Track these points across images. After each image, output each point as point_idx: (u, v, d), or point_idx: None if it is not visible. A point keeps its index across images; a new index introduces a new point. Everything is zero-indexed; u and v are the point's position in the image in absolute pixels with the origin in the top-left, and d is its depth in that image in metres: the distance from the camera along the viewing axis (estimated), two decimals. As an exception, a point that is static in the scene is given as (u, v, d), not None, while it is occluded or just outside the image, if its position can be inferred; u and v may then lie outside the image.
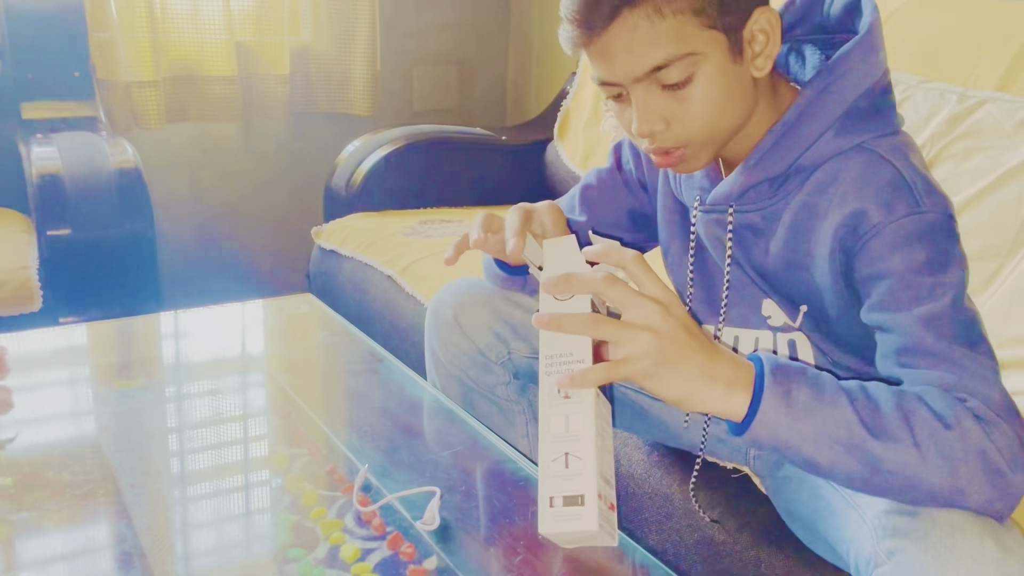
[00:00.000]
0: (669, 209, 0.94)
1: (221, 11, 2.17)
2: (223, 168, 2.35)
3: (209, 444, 0.92)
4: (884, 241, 0.72)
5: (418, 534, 0.75)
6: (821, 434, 0.65)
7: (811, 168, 0.77)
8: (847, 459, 0.65)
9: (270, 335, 1.27)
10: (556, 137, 2.18)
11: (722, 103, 0.74)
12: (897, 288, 0.71)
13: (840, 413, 0.65)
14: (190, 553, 0.75)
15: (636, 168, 0.99)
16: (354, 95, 2.39)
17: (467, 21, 2.63)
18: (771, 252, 0.81)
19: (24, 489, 0.79)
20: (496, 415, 1.04)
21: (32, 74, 1.92)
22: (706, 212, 0.85)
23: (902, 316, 0.70)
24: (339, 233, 1.88)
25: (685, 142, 0.75)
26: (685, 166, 0.78)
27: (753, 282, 0.85)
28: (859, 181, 0.74)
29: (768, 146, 0.77)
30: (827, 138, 0.75)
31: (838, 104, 0.75)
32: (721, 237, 0.84)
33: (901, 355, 0.71)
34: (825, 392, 0.66)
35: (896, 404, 0.66)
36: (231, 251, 2.39)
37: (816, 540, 0.84)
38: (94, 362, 1.16)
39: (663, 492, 1.06)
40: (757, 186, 0.79)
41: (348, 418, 0.98)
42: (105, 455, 0.86)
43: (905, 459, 0.64)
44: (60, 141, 1.72)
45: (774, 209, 0.80)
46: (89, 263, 1.56)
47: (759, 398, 0.66)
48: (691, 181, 0.87)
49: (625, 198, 1.00)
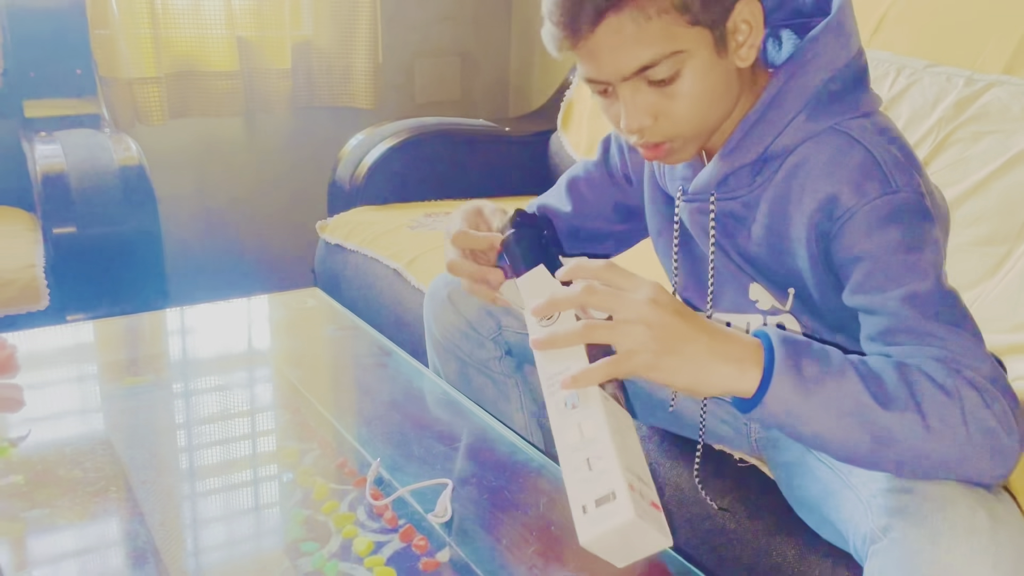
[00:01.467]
0: (655, 200, 0.94)
1: (222, 6, 2.16)
2: (226, 164, 2.35)
3: (219, 439, 0.93)
4: (858, 224, 0.72)
5: (430, 526, 0.75)
6: (831, 407, 0.65)
7: (785, 153, 0.77)
8: (858, 431, 0.65)
9: (278, 330, 1.27)
10: (560, 127, 2.18)
11: (708, 96, 0.74)
12: (875, 270, 0.71)
13: (849, 385, 0.65)
14: (203, 549, 0.75)
15: (621, 162, 0.99)
16: (356, 88, 2.38)
17: (468, 12, 2.62)
18: (753, 239, 0.82)
19: (36, 486, 0.79)
20: (490, 388, 1.05)
21: (34, 72, 1.92)
22: (689, 201, 0.86)
23: (883, 297, 0.71)
24: (344, 227, 1.88)
25: (673, 136, 0.76)
26: (673, 158, 0.79)
27: (739, 267, 0.86)
28: (829, 164, 0.74)
29: (742, 133, 0.78)
30: (798, 122, 0.76)
31: (807, 88, 0.75)
32: (705, 225, 0.85)
33: (886, 336, 0.71)
34: (833, 364, 0.67)
35: (899, 375, 0.66)
36: (236, 246, 2.39)
37: (823, 524, 0.84)
38: (102, 359, 1.16)
39: (672, 481, 1.06)
40: (736, 173, 0.80)
41: (357, 412, 0.98)
42: (116, 452, 0.86)
43: (913, 429, 0.64)
44: (64, 139, 1.72)
45: (753, 196, 0.80)
46: (95, 260, 1.56)
47: (770, 373, 0.65)
48: (673, 172, 0.88)
49: (611, 191, 1.00)
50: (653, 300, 0.66)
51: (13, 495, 0.78)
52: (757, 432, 0.95)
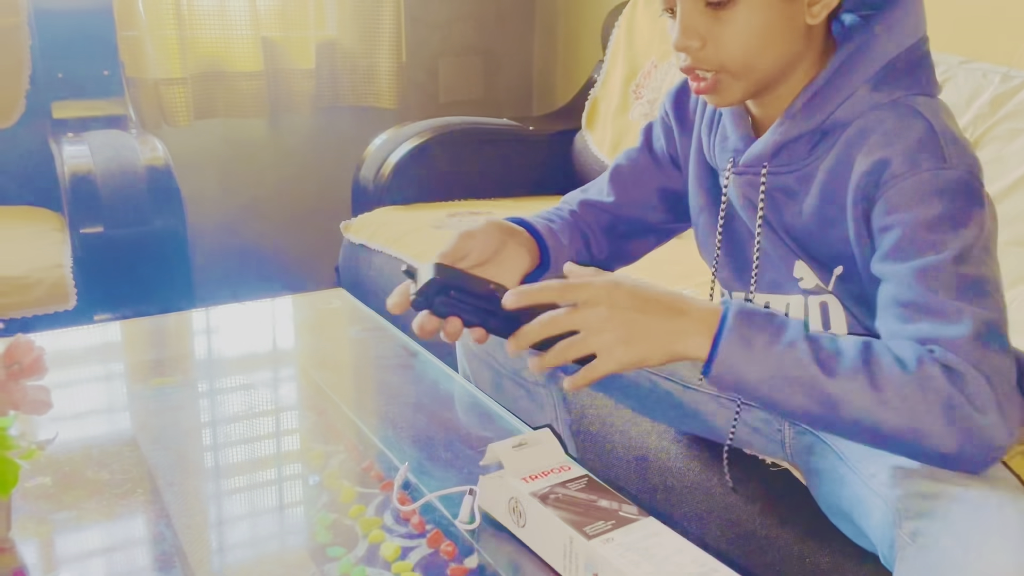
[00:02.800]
0: (700, 176, 0.93)
1: (247, 7, 2.17)
2: (251, 163, 2.36)
3: (244, 441, 0.92)
4: (902, 192, 0.71)
5: (457, 531, 0.74)
6: (776, 373, 0.67)
7: (845, 124, 0.76)
8: (802, 396, 0.67)
9: (303, 331, 1.26)
10: (584, 126, 2.16)
11: (761, 35, 0.74)
12: (904, 239, 0.71)
13: (795, 354, 0.67)
14: (229, 551, 0.74)
15: (668, 143, 0.98)
16: (380, 88, 2.38)
17: (491, 11, 2.62)
18: (805, 212, 0.81)
19: (63, 488, 0.79)
20: (525, 398, 1.04)
21: (62, 73, 1.93)
22: (739, 174, 0.85)
23: (901, 267, 0.71)
24: (368, 227, 1.88)
25: (718, 66, 0.75)
26: (718, 96, 0.78)
27: (785, 244, 0.85)
28: (890, 133, 0.73)
29: (803, 101, 0.77)
30: (862, 93, 0.75)
31: (875, 60, 0.75)
32: (753, 199, 0.84)
33: (890, 306, 0.71)
34: (785, 334, 0.68)
35: (859, 351, 0.68)
36: (260, 245, 2.40)
37: (857, 532, 0.82)
38: (129, 360, 1.16)
39: (703, 485, 1.04)
40: (791, 145, 0.79)
41: (383, 414, 0.97)
42: (142, 453, 0.85)
43: (863, 400, 0.66)
44: (91, 140, 1.73)
45: (809, 170, 0.79)
46: (121, 260, 1.57)
47: (719, 340, 0.68)
48: (725, 144, 0.86)
49: (656, 177, 0.99)
50: (613, 283, 0.69)
51: (40, 496, 0.77)
52: (791, 437, 0.94)
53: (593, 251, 1.00)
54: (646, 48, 2.04)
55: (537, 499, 0.69)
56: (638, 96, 2.02)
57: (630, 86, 2.05)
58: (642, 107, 2.00)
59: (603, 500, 0.69)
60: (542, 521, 0.68)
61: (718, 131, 0.88)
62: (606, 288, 0.69)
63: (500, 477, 0.73)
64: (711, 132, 0.90)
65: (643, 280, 0.72)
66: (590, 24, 2.47)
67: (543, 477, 0.72)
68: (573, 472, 0.73)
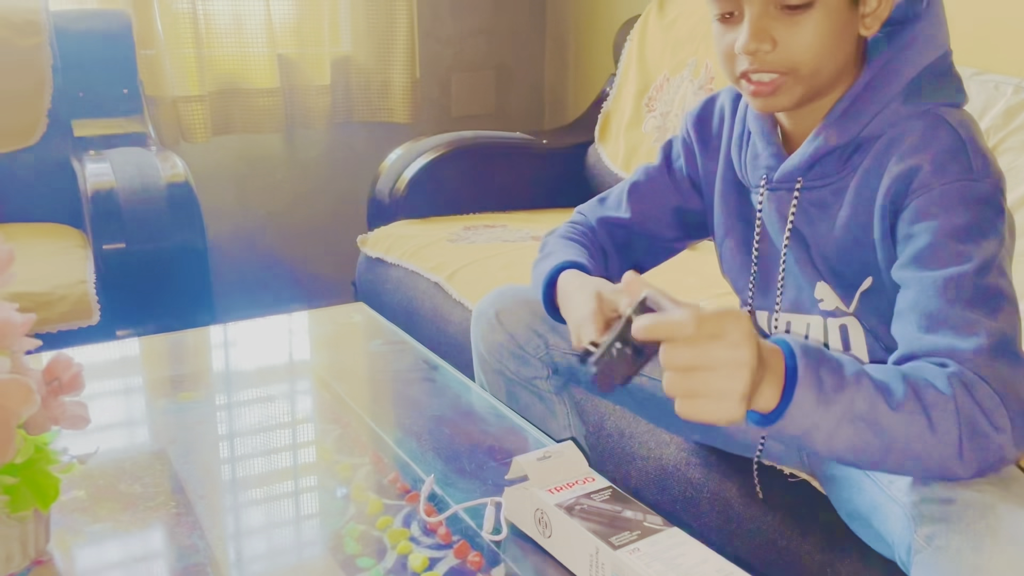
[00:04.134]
0: (727, 199, 0.94)
1: (263, 24, 2.20)
2: (268, 179, 2.39)
3: (271, 454, 0.94)
4: (929, 201, 0.73)
5: (484, 542, 0.75)
6: (848, 412, 0.65)
7: (877, 136, 0.78)
8: (868, 436, 0.65)
9: (325, 344, 1.28)
10: (597, 139, 2.18)
11: (831, 41, 0.76)
12: (930, 247, 0.72)
13: (864, 391, 0.66)
14: (261, 562, 0.76)
15: (688, 165, 0.99)
16: (394, 103, 2.41)
17: (503, 26, 2.64)
18: (838, 225, 0.82)
19: (98, 501, 0.81)
20: (538, 405, 1.06)
21: (83, 92, 1.96)
22: (772, 189, 0.86)
23: (925, 275, 0.71)
24: (384, 241, 1.90)
25: (788, 69, 0.76)
26: (774, 99, 0.79)
27: (811, 262, 0.85)
28: (919, 141, 0.75)
29: (837, 114, 0.79)
30: (894, 106, 0.77)
31: (904, 73, 0.77)
32: (785, 214, 0.85)
33: (909, 315, 0.72)
34: (846, 373, 0.66)
35: (905, 382, 0.67)
36: (277, 260, 2.42)
37: (878, 539, 0.83)
38: (155, 375, 1.18)
39: (723, 496, 1.05)
40: (825, 158, 0.81)
41: (407, 426, 0.99)
42: (173, 467, 0.87)
43: (917, 431, 0.65)
44: (113, 157, 1.76)
45: (843, 183, 0.81)
46: (143, 276, 1.59)
47: (792, 386, 0.64)
48: (756, 161, 0.88)
49: (672, 196, 1.01)
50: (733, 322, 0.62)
51: (76, 509, 0.79)
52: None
53: (609, 267, 1.02)
54: (658, 61, 2.06)
55: (563, 510, 0.70)
56: (651, 109, 2.04)
57: (642, 99, 2.07)
58: (655, 120, 2.01)
59: (628, 511, 0.70)
60: (568, 531, 0.69)
61: (748, 149, 0.89)
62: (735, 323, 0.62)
63: (525, 488, 0.74)
64: (741, 151, 0.91)
65: None
66: (602, 38, 2.49)
67: (568, 489, 0.73)
68: (597, 483, 0.75)
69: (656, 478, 1.14)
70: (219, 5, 2.16)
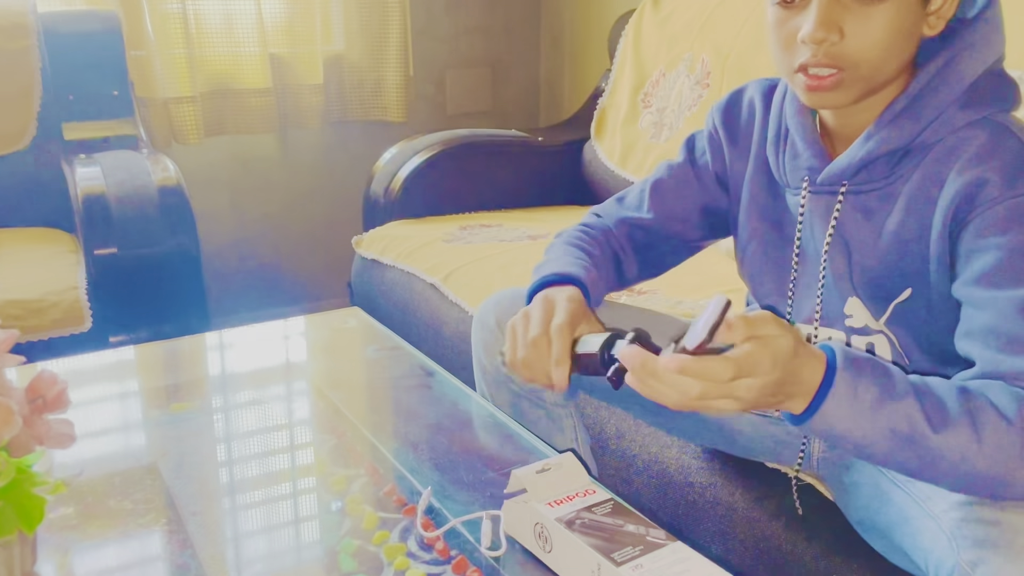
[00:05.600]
0: (757, 199, 0.90)
1: (254, 23, 2.17)
2: (262, 180, 2.36)
3: (266, 467, 0.92)
4: (1000, 215, 0.69)
5: (483, 557, 0.73)
6: (884, 427, 0.65)
7: (933, 142, 0.75)
8: (905, 452, 0.65)
9: (320, 351, 1.26)
10: (593, 136, 2.16)
11: (899, 37, 0.72)
12: (1002, 265, 0.69)
13: (905, 408, 0.65)
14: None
15: (715, 160, 0.95)
16: (388, 101, 2.39)
17: (498, 23, 2.62)
18: (886, 232, 0.78)
19: (87, 518, 0.79)
20: (544, 419, 1.02)
21: (72, 95, 1.94)
22: (815, 192, 0.82)
23: (1000, 295, 0.68)
24: (379, 242, 1.88)
25: (852, 63, 0.72)
26: (832, 95, 0.74)
27: (848, 274, 0.82)
28: (984, 150, 0.72)
29: (891, 117, 0.75)
30: (952, 111, 0.74)
31: (963, 77, 0.73)
32: (826, 220, 0.81)
33: (987, 336, 0.69)
34: (894, 387, 0.66)
35: (961, 400, 0.65)
36: (271, 262, 2.41)
37: (892, 550, 0.81)
38: (146, 385, 1.16)
39: (725, 501, 1.03)
40: (874, 163, 0.77)
41: (403, 436, 0.97)
42: (164, 482, 0.85)
43: (962, 454, 0.64)
44: (103, 161, 1.74)
45: (892, 188, 0.77)
46: (136, 281, 1.57)
47: (825, 393, 0.65)
48: (796, 161, 0.84)
49: (698, 193, 0.96)
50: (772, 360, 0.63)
51: (64, 527, 0.77)
52: (821, 452, 0.93)
53: (624, 272, 0.99)
54: (654, 57, 2.04)
55: (563, 524, 0.69)
56: (647, 105, 2.02)
57: (638, 95, 2.05)
58: (651, 116, 1.99)
59: (630, 524, 0.69)
60: (569, 547, 0.68)
61: (787, 148, 0.85)
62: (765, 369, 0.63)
63: (525, 502, 0.72)
64: (779, 150, 0.87)
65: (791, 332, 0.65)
66: (596, 34, 2.47)
67: (568, 502, 0.72)
68: (598, 496, 0.73)
69: (657, 483, 1.13)
70: (209, 4, 2.14)
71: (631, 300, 1.42)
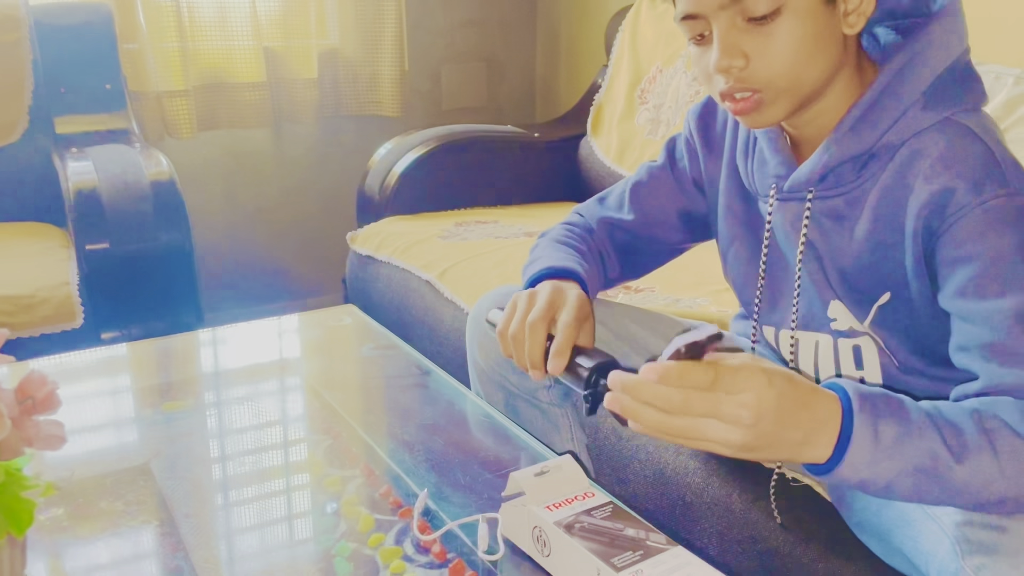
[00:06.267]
0: (732, 204, 0.90)
1: (248, 17, 2.15)
2: (255, 175, 2.35)
3: (260, 468, 0.91)
4: (971, 223, 0.68)
5: (480, 561, 0.72)
6: (907, 466, 0.63)
7: (897, 144, 0.73)
8: (929, 485, 0.64)
9: (315, 350, 1.25)
10: (589, 132, 2.15)
11: (808, 46, 0.71)
12: (984, 275, 0.68)
13: (927, 443, 0.63)
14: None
15: (692, 165, 0.95)
16: (383, 96, 2.37)
17: (493, 17, 2.60)
18: (856, 237, 0.77)
19: (77, 520, 0.78)
20: (540, 419, 1.02)
21: (64, 88, 1.92)
22: (783, 200, 0.81)
23: (989, 306, 0.67)
24: (374, 238, 1.87)
25: (765, 83, 0.72)
26: (759, 116, 0.74)
27: (825, 279, 0.81)
28: (948, 155, 0.71)
29: (852, 122, 0.74)
30: (914, 112, 0.72)
31: (924, 77, 0.72)
32: (797, 226, 0.81)
33: (985, 350, 0.68)
34: (912, 422, 0.64)
35: (976, 424, 0.64)
36: (265, 257, 2.39)
37: (891, 552, 0.81)
38: (139, 383, 1.15)
39: (723, 501, 1.03)
40: (839, 167, 0.76)
41: (399, 436, 0.96)
42: (157, 483, 0.84)
43: (985, 479, 0.63)
44: (95, 155, 1.72)
45: (859, 192, 0.76)
46: (128, 276, 1.56)
47: (847, 442, 0.62)
48: (764, 169, 0.83)
49: (676, 197, 0.96)
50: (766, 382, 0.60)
51: (55, 530, 0.76)
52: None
53: (607, 271, 0.99)
54: (650, 53, 2.03)
55: (562, 529, 0.68)
56: (643, 101, 2.01)
57: (635, 91, 2.04)
58: (648, 112, 1.98)
59: (629, 528, 0.68)
60: (568, 552, 0.67)
61: (755, 156, 0.85)
62: (759, 384, 0.60)
63: (523, 505, 0.72)
64: (747, 157, 0.86)
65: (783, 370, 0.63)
66: (593, 29, 2.46)
67: (567, 505, 0.71)
68: (597, 499, 0.72)
69: (655, 483, 1.12)
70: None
71: (628, 299, 1.41)
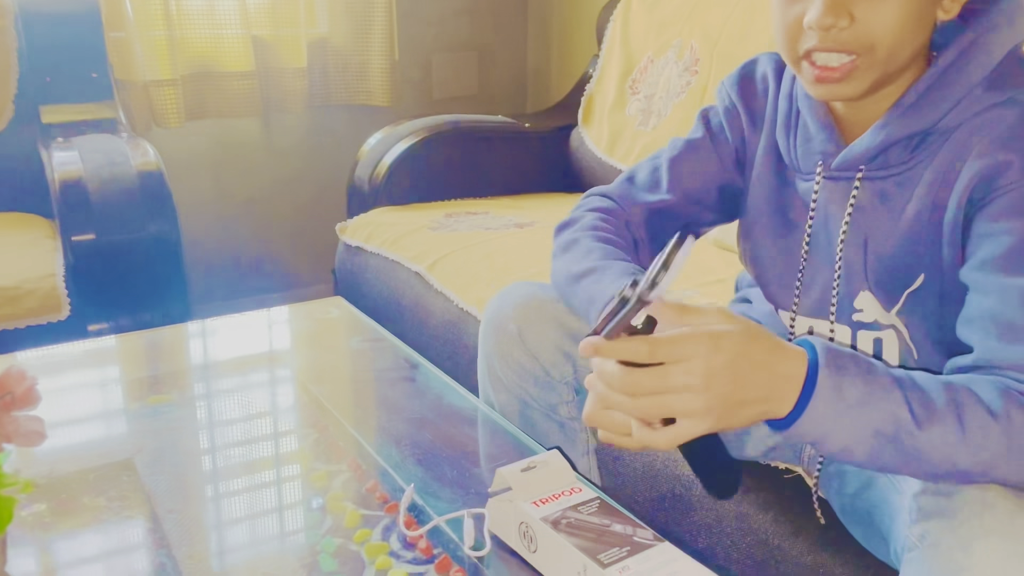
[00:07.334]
0: (766, 181, 0.86)
1: (237, 5, 2.13)
2: (244, 165, 2.33)
3: (245, 462, 0.90)
4: (1014, 199, 0.67)
5: (467, 556, 0.72)
6: (868, 427, 0.62)
7: (954, 126, 0.72)
8: (888, 449, 0.63)
9: (302, 343, 1.24)
10: (580, 123, 2.14)
11: (912, 22, 0.69)
12: (1011, 251, 0.66)
13: (891, 407, 0.62)
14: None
15: (734, 135, 0.89)
16: (373, 86, 2.35)
17: (485, 6, 2.58)
18: (904, 219, 0.75)
19: (60, 516, 0.77)
20: (556, 433, 0.98)
21: (50, 77, 1.90)
22: (832, 178, 0.79)
23: (1007, 281, 0.66)
24: (364, 228, 1.85)
25: (866, 48, 0.69)
26: (842, 87, 0.71)
27: (863, 265, 0.78)
28: (1008, 133, 0.69)
29: (912, 100, 0.72)
30: (976, 93, 0.71)
31: (987, 61, 0.70)
32: (841, 207, 0.78)
33: (987, 322, 0.66)
34: (877, 382, 0.63)
35: (947, 395, 0.63)
36: (254, 248, 2.37)
37: (871, 535, 0.80)
38: (125, 376, 1.13)
39: (711, 496, 1.02)
40: (893, 147, 0.74)
41: (386, 430, 0.95)
42: (140, 478, 0.83)
43: (947, 448, 0.62)
44: (81, 145, 1.70)
45: (911, 173, 0.74)
46: (115, 268, 1.54)
47: (809, 395, 0.62)
48: (809, 145, 0.80)
49: (717, 172, 0.91)
50: (713, 345, 0.61)
51: (36, 525, 0.75)
52: (811, 451, 0.91)
53: (640, 256, 0.92)
54: (642, 43, 2.01)
55: (548, 524, 0.67)
56: (634, 92, 2.00)
57: (626, 82, 2.02)
58: (639, 103, 1.97)
59: (616, 524, 0.67)
60: (554, 547, 0.66)
61: (799, 132, 0.82)
62: (705, 350, 0.60)
63: (509, 500, 0.71)
64: (789, 132, 0.83)
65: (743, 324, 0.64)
66: (584, 19, 2.44)
67: (554, 500, 0.70)
68: (584, 495, 0.71)
69: (644, 475, 1.12)
70: (190, -15, 2.10)
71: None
